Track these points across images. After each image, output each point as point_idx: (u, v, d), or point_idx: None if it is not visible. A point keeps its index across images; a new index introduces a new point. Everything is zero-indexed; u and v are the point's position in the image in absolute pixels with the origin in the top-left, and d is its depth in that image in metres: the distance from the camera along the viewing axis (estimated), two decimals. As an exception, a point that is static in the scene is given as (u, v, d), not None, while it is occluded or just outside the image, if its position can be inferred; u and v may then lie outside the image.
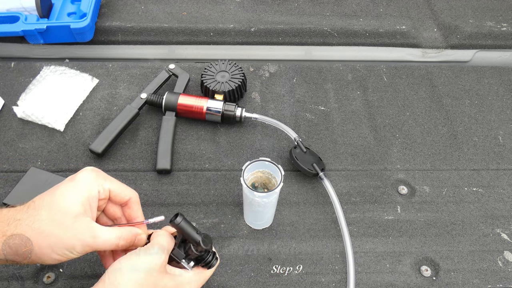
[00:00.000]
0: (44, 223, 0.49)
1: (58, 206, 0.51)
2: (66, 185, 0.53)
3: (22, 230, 0.49)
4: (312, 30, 1.04)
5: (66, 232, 0.50)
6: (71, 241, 0.50)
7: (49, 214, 0.50)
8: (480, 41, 1.05)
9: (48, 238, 0.49)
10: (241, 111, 0.84)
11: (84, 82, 0.91)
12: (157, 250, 0.52)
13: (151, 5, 1.06)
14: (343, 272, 0.69)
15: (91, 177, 0.54)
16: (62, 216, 0.50)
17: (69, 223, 0.50)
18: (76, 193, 0.52)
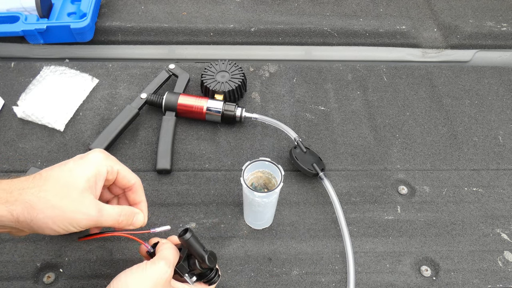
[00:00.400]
0: (49, 194, 0.49)
1: (65, 179, 0.51)
2: (75, 162, 0.53)
3: (26, 198, 0.48)
4: (312, 30, 1.04)
5: (70, 206, 0.50)
6: (75, 215, 0.50)
7: (55, 186, 0.50)
8: (480, 41, 1.05)
9: (52, 209, 0.49)
10: (241, 111, 0.84)
11: (84, 82, 0.91)
12: (163, 265, 0.52)
13: (151, 5, 1.06)
14: (343, 272, 0.69)
15: (101, 157, 0.55)
16: (69, 190, 0.50)
17: (74, 197, 0.50)
18: (85, 170, 0.53)
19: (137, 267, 0.52)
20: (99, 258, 0.68)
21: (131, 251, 0.69)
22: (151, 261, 0.53)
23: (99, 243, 0.70)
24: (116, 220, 0.54)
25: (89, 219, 0.51)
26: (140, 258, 0.68)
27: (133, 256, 0.69)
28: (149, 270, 0.52)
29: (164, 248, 0.56)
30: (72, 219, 0.50)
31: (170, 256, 0.54)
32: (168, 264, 0.53)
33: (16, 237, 0.52)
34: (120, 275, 0.52)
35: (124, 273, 0.52)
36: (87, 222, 0.51)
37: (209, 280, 0.58)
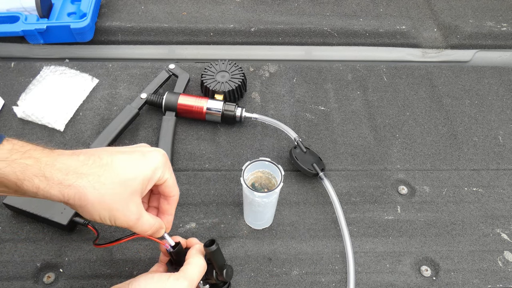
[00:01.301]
0: (104, 188, 0.48)
1: (124, 175, 0.50)
2: (137, 159, 0.52)
3: (81, 185, 0.47)
4: (312, 30, 1.04)
5: (118, 205, 0.49)
6: (118, 214, 0.50)
7: (113, 180, 0.49)
8: (480, 41, 1.05)
9: (103, 204, 0.48)
10: (241, 111, 0.84)
11: (84, 82, 0.91)
12: (187, 285, 0.51)
13: (151, 5, 1.06)
14: (343, 272, 0.69)
15: (161, 162, 0.53)
16: (123, 189, 0.49)
17: (125, 197, 0.50)
18: (143, 171, 0.51)
19: (159, 278, 0.51)
20: (99, 258, 0.68)
21: (131, 251, 0.69)
22: (174, 277, 0.51)
23: (99, 243, 0.70)
24: (145, 232, 0.53)
25: (127, 222, 0.51)
26: (152, 258, 0.68)
27: (133, 256, 0.69)
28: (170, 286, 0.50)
29: (193, 264, 0.54)
30: (114, 216, 0.49)
31: (196, 276, 0.52)
32: (191, 286, 0.51)
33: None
34: (140, 279, 0.51)
35: (145, 278, 0.51)
36: (122, 224, 0.51)
37: None
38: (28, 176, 0.45)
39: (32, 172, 0.45)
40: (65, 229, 0.70)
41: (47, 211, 0.69)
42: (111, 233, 0.71)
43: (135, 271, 0.67)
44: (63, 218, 0.68)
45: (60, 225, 0.69)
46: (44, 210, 0.69)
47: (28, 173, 0.45)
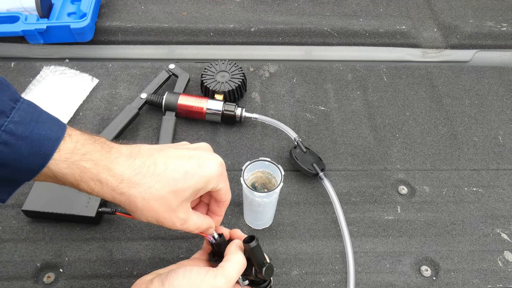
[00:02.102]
0: (154, 199, 0.49)
1: (174, 188, 0.49)
2: (191, 168, 0.51)
3: (133, 194, 0.48)
4: (312, 30, 1.04)
5: (166, 213, 0.50)
6: (164, 220, 0.50)
7: (163, 192, 0.49)
8: (480, 41, 1.05)
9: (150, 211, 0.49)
10: (241, 111, 0.84)
11: (84, 82, 0.91)
12: (224, 283, 0.50)
13: (151, 5, 1.06)
14: (343, 272, 0.69)
15: (217, 173, 0.52)
16: (173, 199, 0.50)
17: (173, 206, 0.50)
18: (196, 183, 0.51)
19: (197, 272, 0.50)
20: (99, 258, 0.68)
21: (131, 251, 0.69)
22: (212, 273, 0.50)
23: (99, 243, 0.70)
24: (192, 231, 0.53)
25: (172, 227, 0.51)
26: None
27: (133, 256, 0.69)
28: (208, 284, 0.49)
29: (232, 261, 0.52)
30: (161, 222, 0.50)
31: (234, 274, 0.51)
32: (228, 284, 0.50)
33: None
34: (179, 270, 0.50)
35: (184, 270, 0.50)
36: (168, 226, 0.51)
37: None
38: (85, 179, 0.46)
39: (89, 176, 0.46)
40: (94, 222, 0.71)
41: (72, 208, 0.69)
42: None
43: (135, 271, 0.67)
44: (90, 211, 0.69)
45: (88, 218, 0.69)
46: (68, 208, 0.69)
47: (85, 176, 0.46)
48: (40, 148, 0.44)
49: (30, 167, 0.44)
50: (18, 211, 0.72)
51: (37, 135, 0.44)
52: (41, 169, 0.45)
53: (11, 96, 0.45)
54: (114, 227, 0.72)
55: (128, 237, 0.71)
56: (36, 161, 0.44)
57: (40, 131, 0.44)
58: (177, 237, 0.71)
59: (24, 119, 0.44)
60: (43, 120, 0.45)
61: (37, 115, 0.45)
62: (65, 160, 0.45)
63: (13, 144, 0.43)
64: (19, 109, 0.44)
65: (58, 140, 0.45)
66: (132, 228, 0.72)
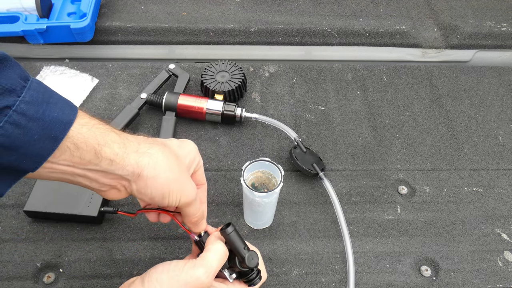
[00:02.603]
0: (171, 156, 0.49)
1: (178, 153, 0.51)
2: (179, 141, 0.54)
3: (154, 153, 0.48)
4: (312, 30, 1.04)
5: (184, 176, 0.50)
6: (186, 185, 0.50)
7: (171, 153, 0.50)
8: (480, 41, 1.05)
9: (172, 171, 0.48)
10: (241, 111, 0.84)
11: (84, 82, 0.91)
12: (202, 274, 0.48)
13: (151, 5, 1.06)
14: (343, 272, 0.69)
15: (195, 148, 0.55)
16: (183, 162, 0.51)
17: (186, 170, 0.51)
18: (188, 151, 0.53)
19: (175, 265, 0.49)
20: (99, 258, 0.68)
21: (131, 251, 0.69)
22: (191, 264, 0.49)
23: (99, 243, 0.70)
24: (197, 211, 0.53)
25: (190, 197, 0.50)
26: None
27: (133, 256, 0.69)
28: (186, 274, 0.48)
29: (211, 250, 0.51)
30: (181, 190, 0.49)
31: (214, 263, 0.50)
32: (208, 273, 0.49)
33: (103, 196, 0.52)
34: (158, 266, 0.50)
35: (162, 266, 0.50)
36: (186, 199, 0.50)
37: (249, 280, 0.55)
38: (108, 142, 0.45)
39: (111, 139, 0.45)
40: (96, 221, 0.71)
41: (73, 208, 0.69)
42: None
43: (135, 271, 0.67)
44: (92, 210, 0.69)
45: (90, 218, 0.69)
46: (70, 208, 0.69)
47: (108, 139, 0.45)
48: (51, 131, 0.41)
49: (39, 152, 0.41)
50: (18, 211, 0.72)
51: (49, 117, 0.41)
52: (50, 153, 0.42)
53: (21, 74, 0.41)
54: (114, 227, 0.72)
55: (128, 237, 0.71)
56: (46, 145, 0.41)
57: (52, 113, 0.42)
58: (177, 237, 0.71)
59: (36, 99, 0.41)
60: (54, 101, 0.43)
61: (48, 95, 0.43)
62: (86, 124, 0.44)
63: (25, 126, 0.40)
64: (30, 88, 0.41)
65: (70, 123, 0.43)
66: (132, 228, 0.72)
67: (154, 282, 0.48)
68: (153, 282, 0.48)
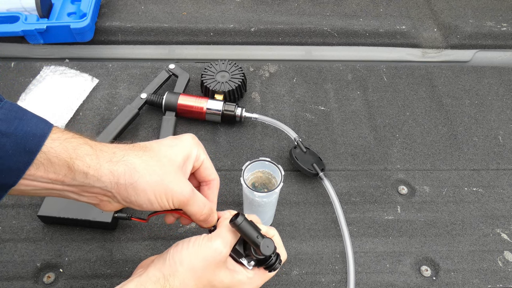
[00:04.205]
0: (152, 160, 0.49)
1: (165, 152, 0.51)
2: (171, 140, 0.53)
3: (130, 160, 0.47)
4: (312, 30, 1.04)
5: (170, 177, 0.49)
6: (173, 187, 0.49)
7: (157, 155, 0.50)
8: (480, 41, 1.05)
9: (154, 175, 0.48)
10: (241, 111, 0.84)
11: (84, 82, 0.91)
12: (219, 244, 0.49)
13: (151, 5, 1.06)
14: (343, 272, 0.69)
15: (194, 141, 0.55)
16: (169, 162, 0.50)
17: (174, 170, 0.50)
18: (180, 149, 0.52)
19: (194, 241, 0.50)
20: (99, 258, 0.68)
21: (131, 251, 0.69)
22: (207, 237, 0.50)
23: (99, 243, 0.70)
24: (201, 209, 0.52)
25: (183, 196, 0.50)
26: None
27: (133, 256, 0.69)
28: (204, 247, 0.49)
29: (223, 226, 0.52)
30: (169, 191, 0.49)
31: (228, 235, 0.51)
32: (224, 243, 0.50)
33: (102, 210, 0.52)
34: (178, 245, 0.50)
35: (182, 243, 0.50)
36: (180, 199, 0.50)
37: (269, 266, 0.53)
38: (80, 155, 0.46)
39: (83, 151, 0.46)
40: (109, 228, 0.70)
41: (87, 213, 0.69)
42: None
43: (135, 271, 0.67)
44: (105, 216, 0.69)
45: (104, 224, 0.69)
46: (84, 213, 0.69)
47: (79, 152, 0.46)
48: (25, 145, 0.43)
49: (16, 166, 0.43)
50: (18, 211, 0.72)
51: (21, 132, 0.43)
52: (27, 167, 0.43)
53: None
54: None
55: (128, 237, 0.71)
56: (22, 159, 0.43)
57: (25, 128, 0.44)
58: (177, 237, 0.71)
59: (8, 116, 0.44)
60: (27, 118, 0.45)
61: (21, 114, 0.45)
62: (57, 138, 0.45)
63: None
64: (2, 108, 0.44)
65: (44, 136, 0.44)
66: (132, 228, 0.72)
67: (176, 262, 0.49)
68: (176, 261, 0.49)
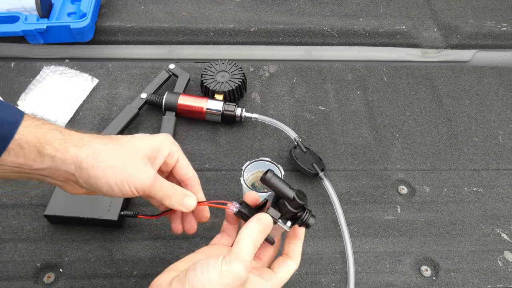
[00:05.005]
0: (116, 148, 0.51)
1: (132, 142, 0.53)
2: (143, 134, 0.55)
3: (95, 145, 0.50)
4: (312, 30, 1.04)
5: (132, 164, 0.51)
6: (134, 173, 0.50)
7: (122, 144, 0.52)
8: (480, 41, 1.05)
9: (116, 160, 0.50)
10: (241, 111, 0.84)
11: (84, 82, 0.91)
12: (240, 268, 0.48)
13: (151, 5, 1.06)
14: (343, 272, 0.69)
15: (167, 139, 0.56)
16: (133, 151, 0.52)
17: (137, 158, 0.51)
18: (150, 142, 0.54)
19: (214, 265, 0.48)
20: (99, 258, 0.68)
21: (131, 251, 0.69)
22: (226, 260, 0.49)
23: (99, 243, 0.70)
24: (168, 193, 0.53)
25: (145, 183, 0.51)
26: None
27: (133, 256, 0.69)
28: (225, 272, 0.48)
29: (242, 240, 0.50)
30: (130, 177, 0.50)
31: (247, 256, 0.49)
32: (244, 267, 0.49)
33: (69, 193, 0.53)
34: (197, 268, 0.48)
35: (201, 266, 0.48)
36: (141, 185, 0.51)
37: (303, 222, 0.53)
38: (49, 140, 0.48)
39: (52, 136, 0.48)
40: (115, 226, 0.70)
41: (93, 212, 0.69)
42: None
43: (135, 271, 0.67)
44: (112, 214, 0.69)
45: (110, 222, 0.69)
46: (90, 212, 0.69)
47: (49, 137, 0.48)
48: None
49: None
50: (18, 211, 0.72)
51: None
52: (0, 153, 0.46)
53: None
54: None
55: (128, 237, 0.71)
56: None
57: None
58: (177, 237, 0.71)
59: None
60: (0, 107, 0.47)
61: None
62: (27, 126, 0.48)
63: None
64: None
65: (17, 123, 0.47)
66: (132, 228, 0.72)
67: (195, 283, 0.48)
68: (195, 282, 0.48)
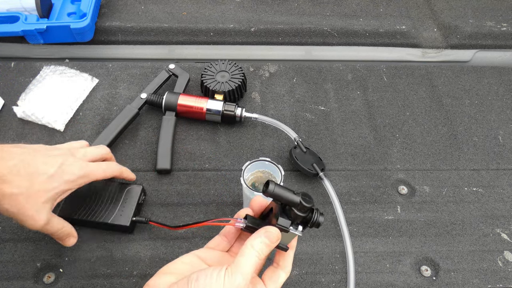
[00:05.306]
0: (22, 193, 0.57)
1: (43, 187, 0.58)
2: (57, 173, 0.60)
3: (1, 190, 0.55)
4: (312, 30, 1.04)
5: (31, 209, 0.57)
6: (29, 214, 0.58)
7: (32, 188, 0.58)
8: (480, 41, 1.05)
9: (15, 204, 0.56)
10: (241, 111, 0.84)
11: (84, 82, 0.91)
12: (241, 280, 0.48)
13: (151, 5, 1.06)
14: (343, 272, 0.69)
15: (79, 174, 0.62)
16: (40, 197, 0.58)
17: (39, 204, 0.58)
18: (60, 185, 0.60)
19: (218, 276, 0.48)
20: (99, 258, 0.68)
21: (131, 251, 0.69)
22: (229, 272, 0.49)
23: (99, 243, 0.70)
24: (55, 232, 0.62)
25: (34, 224, 0.58)
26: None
27: (133, 256, 0.69)
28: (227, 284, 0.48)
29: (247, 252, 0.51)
30: (24, 216, 0.57)
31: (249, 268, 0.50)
32: (245, 278, 0.49)
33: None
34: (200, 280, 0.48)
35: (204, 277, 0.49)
36: (29, 223, 0.58)
37: (314, 223, 0.52)
38: None
39: None
40: (127, 231, 0.70)
41: (106, 216, 0.69)
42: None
43: (135, 271, 0.67)
44: (124, 220, 0.69)
45: (122, 227, 0.69)
46: (102, 216, 0.69)
47: None
48: None
49: None
50: (18, 211, 0.72)
51: None
52: None
53: None
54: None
55: (128, 237, 0.71)
56: None
57: None
58: (177, 237, 0.71)
59: None
60: None
61: None
62: None
63: None
64: None
65: None
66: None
67: None
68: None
